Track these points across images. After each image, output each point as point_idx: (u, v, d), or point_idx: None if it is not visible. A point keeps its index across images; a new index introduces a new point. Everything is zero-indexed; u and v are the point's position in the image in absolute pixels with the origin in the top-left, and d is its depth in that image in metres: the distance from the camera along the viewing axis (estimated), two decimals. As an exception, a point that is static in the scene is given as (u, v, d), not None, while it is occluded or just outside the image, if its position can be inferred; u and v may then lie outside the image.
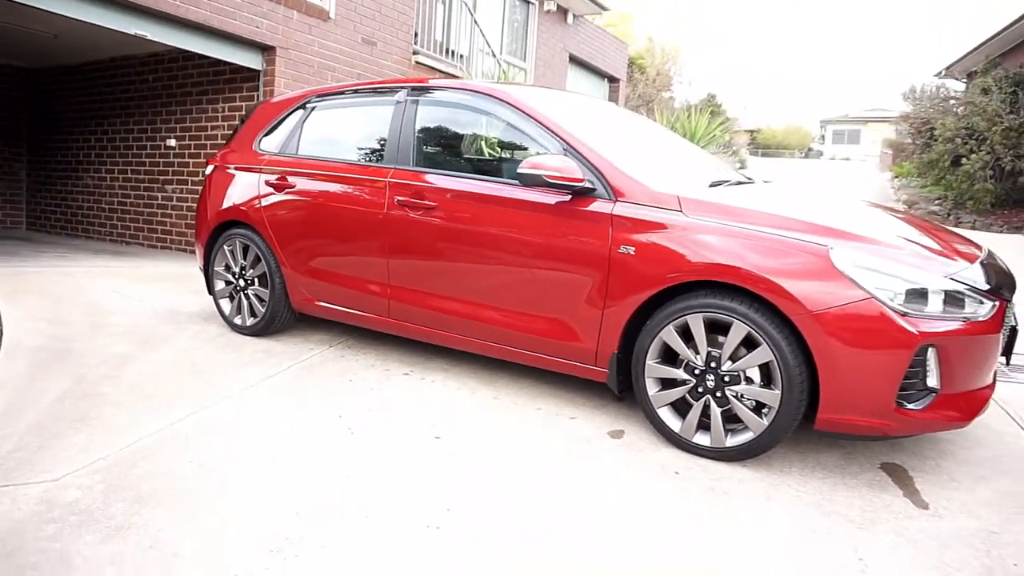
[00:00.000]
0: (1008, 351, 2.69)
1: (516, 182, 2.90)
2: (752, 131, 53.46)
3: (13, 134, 9.80)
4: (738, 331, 2.46)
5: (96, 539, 1.97)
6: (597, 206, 2.76)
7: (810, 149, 52.41)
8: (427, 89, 3.45)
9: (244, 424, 2.78)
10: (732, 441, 2.54)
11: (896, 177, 19.47)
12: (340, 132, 3.77)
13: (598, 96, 15.83)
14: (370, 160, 3.51)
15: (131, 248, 8.10)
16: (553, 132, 2.94)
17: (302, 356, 3.64)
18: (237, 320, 3.99)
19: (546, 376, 3.37)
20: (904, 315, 2.28)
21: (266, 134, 4.02)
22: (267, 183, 3.81)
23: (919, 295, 2.32)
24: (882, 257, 2.36)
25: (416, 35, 8.86)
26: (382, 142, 3.46)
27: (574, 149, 2.87)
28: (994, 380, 2.66)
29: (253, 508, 2.16)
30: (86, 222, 9.00)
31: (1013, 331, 2.70)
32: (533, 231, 2.90)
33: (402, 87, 3.52)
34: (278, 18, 6.87)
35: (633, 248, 2.65)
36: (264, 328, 3.89)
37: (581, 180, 2.74)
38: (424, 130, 3.37)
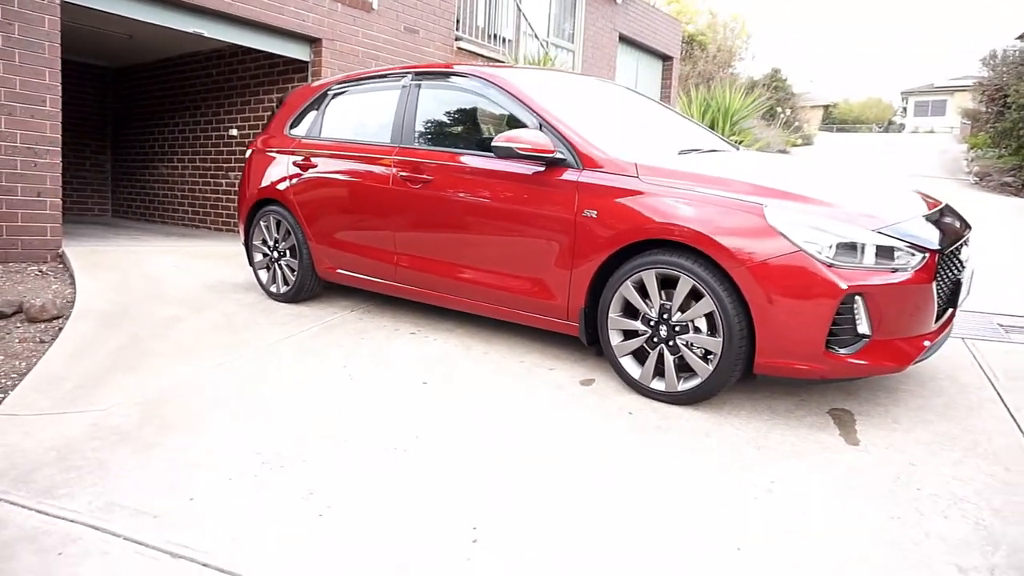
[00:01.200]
0: (953, 302, 2.82)
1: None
2: (828, 106, 51.38)
3: (100, 128, 10.74)
4: (684, 284, 2.71)
5: (128, 452, 2.43)
6: (567, 175, 3.05)
7: (891, 122, 49.93)
8: (428, 74, 3.80)
9: (262, 371, 3.22)
10: (683, 386, 2.79)
11: (972, 148, 18.56)
12: (355, 116, 4.16)
13: (654, 75, 15.80)
14: (380, 140, 3.88)
15: (199, 232, 8.82)
16: (531, 109, 3.23)
17: (325, 318, 4.07)
18: (272, 288, 4.47)
19: (537, 335, 3.68)
20: (831, 266, 2.48)
21: (295, 120, 4.46)
22: (295, 164, 4.25)
23: (848, 248, 2.50)
24: (813, 214, 2.55)
25: (458, 22, 9.19)
26: (389, 123, 3.83)
27: (548, 124, 3.15)
28: (942, 328, 2.80)
29: (253, 433, 2.58)
30: (161, 208, 9.81)
31: (957, 283, 2.82)
32: (513, 199, 3.20)
33: (408, 73, 3.88)
34: (323, 11, 7.34)
35: (595, 212, 2.92)
36: (295, 294, 4.34)
37: (552, 151, 3.03)
38: (424, 111, 3.72)
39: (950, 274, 2.77)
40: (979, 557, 1.88)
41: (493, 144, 3.08)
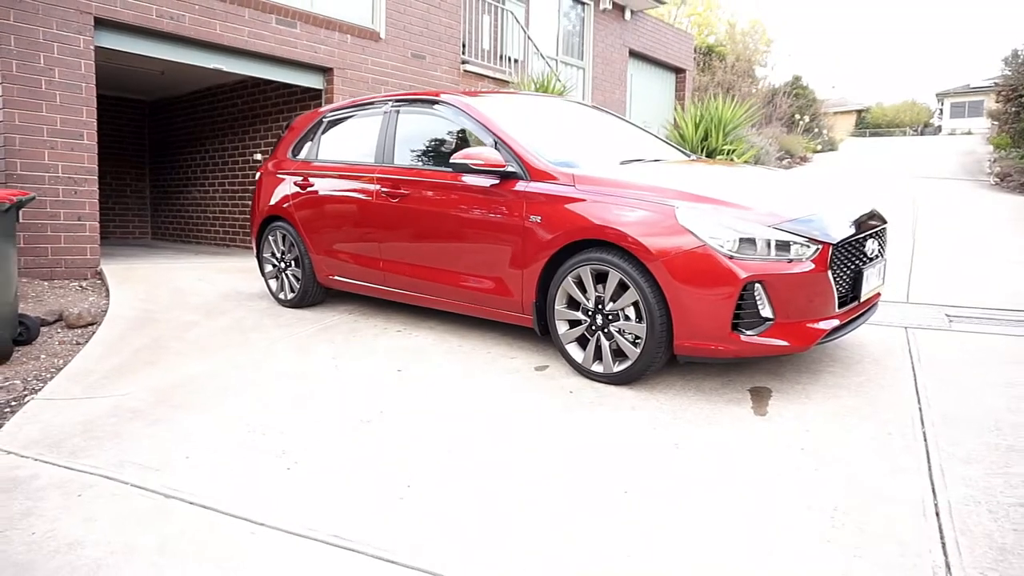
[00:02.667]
0: (856, 291, 3.15)
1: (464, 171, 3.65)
2: (860, 110, 50.82)
3: (138, 157, 11.54)
4: (614, 278, 3.11)
5: (140, 425, 2.92)
6: (518, 186, 3.48)
7: (926, 125, 49.09)
8: (405, 101, 4.28)
9: (260, 363, 3.71)
10: (618, 368, 3.18)
11: (996, 148, 18.39)
12: (345, 140, 4.66)
13: (666, 87, 16.15)
14: (365, 160, 4.36)
15: (229, 250, 9.46)
16: (488, 129, 3.68)
17: (324, 320, 4.56)
18: (280, 295, 4.98)
19: (506, 330, 4.09)
20: (732, 258, 2.85)
21: (296, 145, 4.98)
22: (295, 184, 4.77)
23: (748, 242, 2.88)
24: (718, 213, 2.93)
25: (464, 46, 9.72)
26: (373, 145, 4.32)
27: (503, 141, 3.59)
28: (850, 313, 3.14)
29: (245, 411, 3.05)
30: (196, 230, 10.51)
31: (859, 273, 3.16)
32: (475, 209, 3.64)
33: (389, 100, 4.37)
34: (333, 43, 7.93)
35: (539, 217, 3.35)
36: (299, 300, 4.84)
37: (503, 165, 3.47)
38: (402, 134, 4.20)
39: (851, 265, 3.11)
40: (827, 499, 2.23)
41: (451, 161, 3.53)
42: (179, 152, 10.73)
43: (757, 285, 2.86)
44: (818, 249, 2.92)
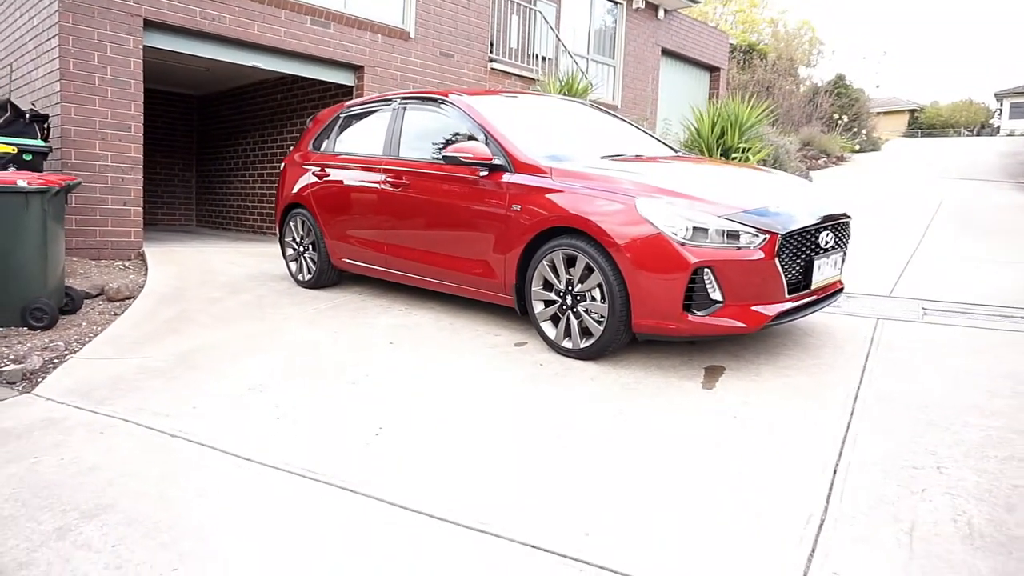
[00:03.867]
0: (807, 279, 3.39)
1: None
2: (914, 110, 49.49)
3: (186, 149, 12.23)
4: (581, 262, 3.41)
5: (159, 382, 3.35)
6: (504, 178, 3.80)
7: (983, 125, 47.48)
8: (411, 98, 4.65)
9: (270, 334, 4.13)
10: (584, 344, 3.49)
11: (1045, 150, 17.89)
12: (359, 134, 5.05)
13: (700, 86, 16.21)
14: (375, 153, 4.74)
15: (266, 237, 10.00)
16: (480, 125, 4.02)
17: (335, 300, 4.96)
18: (299, 277, 5.41)
19: (497, 312, 4.42)
20: (684, 245, 3.13)
21: (317, 137, 5.40)
22: (314, 174, 5.19)
23: (700, 230, 3.15)
24: (675, 204, 3.21)
25: (492, 45, 10.07)
26: (382, 139, 4.69)
27: (492, 137, 3.92)
28: (800, 298, 3.38)
29: (250, 372, 3.46)
30: (237, 218, 11.11)
31: (810, 262, 3.39)
32: (466, 198, 3.99)
33: (398, 97, 4.75)
34: (365, 42, 8.36)
35: (519, 206, 3.67)
36: (315, 282, 5.26)
37: (490, 158, 3.80)
38: (407, 128, 4.57)
39: (801, 255, 3.34)
40: (742, 458, 2.51)
41: (443, 154, 3.88)
42: (223, 144, 11.35)
43: (707, 270, 3.13)
44: (766, 238, 3.17)
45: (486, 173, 3.88)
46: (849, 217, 3.78)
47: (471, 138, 4.10)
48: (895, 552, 1.94)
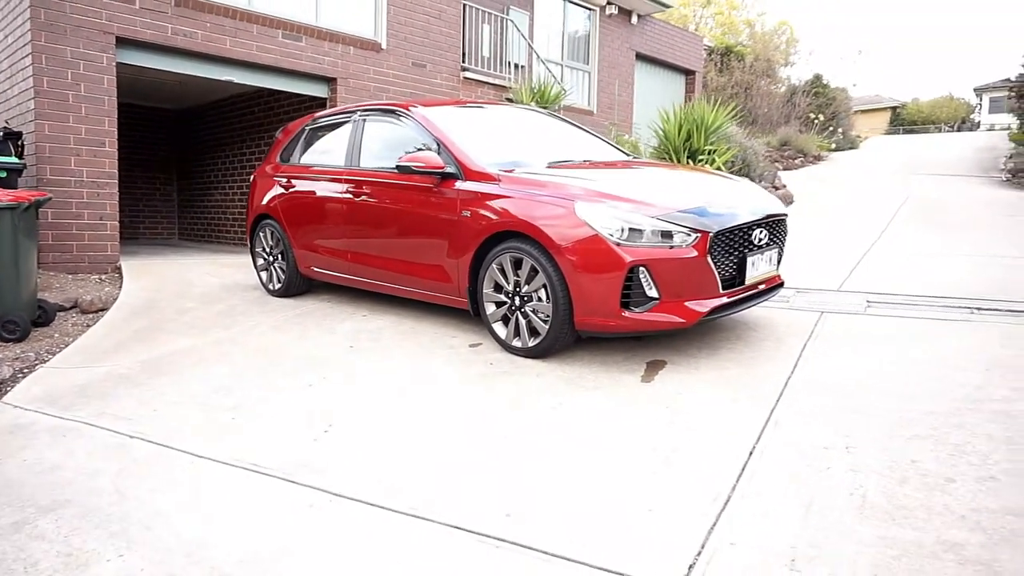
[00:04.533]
0: (741, 275, 3.56)
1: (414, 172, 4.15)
2: (895, 107, 50.08)
3: (166, 163, 12.34)
4: (527, 264, 3.58)
5: (124, 388, 3.50)
6: (456, 185, 3.97)
7: (963, 120, 48.00)
8: (370, 110, 4.81)
9: (237, 341, 4.27)
10: (532, 343, 3.65)
11: (1016, 144, 18.20)
12: (323, 146, 5.21)
13: (676, 89, 16.44)
14: (337, 164, 4.90)
15: (245, 249, 10.10)
16: (433, 135, 4.18)
17: (303, 307, 5.11)
18: (270, 286, 5.56)
19: (457, 316, 4.58)
20: (619, 245, 3.30)
21: (284, 150, 5.56)
22: (280, 185, 5.34)
23: (635, 231, 3.32)
24: (611, 207, 3.38)
25: (464, 54, 10.25)
26: (344, 150, 4.86)
27: (444, 146, 4.09)
28: (735, 294, 3.55)
29: (213, 376, 3.60)
30: (217, 230, 11.23)
31: (743, 259, 3.56)
32: (421, 206, 4.15)
33: (360, 109, 4.91)
34: (337, 54, 8.53)
35: (469, 212, 3.84)
36: (285, 290, 5.41)
37: (442, 167, 3.97)
38: (367, 139, 4.73)
39: (734, 252, 3.52)
40: (668, 444, 2.67)
41: (397, 164, 4.05)
42: (202, 158, 11.48)
43: (642, 268, 3.30)
44: (698, 237, 3.34)
45: (439, 181, 4.04)
46: (785, 215, 3.96)
47: (427, 148, 4.26)
48: (791, 523, 2.10)
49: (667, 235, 3.33)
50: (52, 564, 1.98)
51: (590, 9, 13.51)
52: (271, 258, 5.52)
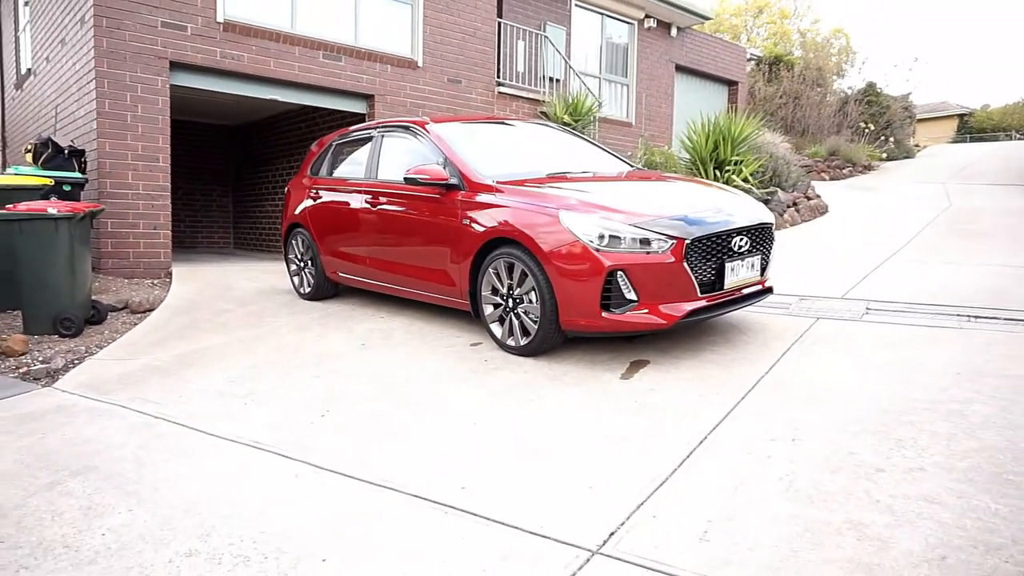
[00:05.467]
0: (720, 280, 3.75)
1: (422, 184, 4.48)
2: (963, 115, 48.41)
3: (223, 176, 13.10)
4: (518, 268, 3.86)
5: (157, 377, 3.92)
6: (459, 196, 4.28)
7: (1037, 126, 45.93)
8: (387, 126, 5.19)
9: (263, 339, 4.67)
10: (524, 342, 3.92)
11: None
12: (348, 159, 5.61)
13: (717, 100, 16.45)
14: (358, 177, 5.29)
15: (290, 256, 10.69)
16: (440, 149, 4.51)
17: (328, 309, 5.50)
18: (301, 290, 5.99)
19: (464, 318, 4.88)
20: (599, 251, 3.54)
21: (314, 164, 5.99)
22: (310, 197, 5.76)
23: (615, 238, 3.56)
24: (593, 216, 3.63)
25: (499, 69, 10.61)
26: (364, 163, 5.24)
27: (449, 159, 4.41)
28: (716, 298, 3.74)
29: (234, 367, 4.00)
30: (267, 240, 11.86)
31: (722, 266, 3.75)
32: (428, 215, 4.48)
33: (380, 126, 5.29)
34: (375, 72, 9.00)
35: (468, 220, 4.14)
36: (314, 294, 5.82)
37: (446, 178, 4.29)
38: (384, 154, 5.10)
39: (712, 258, 3.71)
40: (634, 434, 2.90)
41: (404, 176, 4.39)
42: (255, 171, 12.16)
43: (620, 273, 3.53)
44: (674, 243, 3.56)
45: (444, 191, 4.36)
46: (769, 224, 4.12)
47: (436, 161, 4.59)
48: (715, 501, 2.31)
49: (645, 242, 3.55)
50: (74, 515, 2.35)
51: (628, 23, 13.72)
52: (302, 264, 5.94)
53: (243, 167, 12.65)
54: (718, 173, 8.64)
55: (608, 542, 2.09)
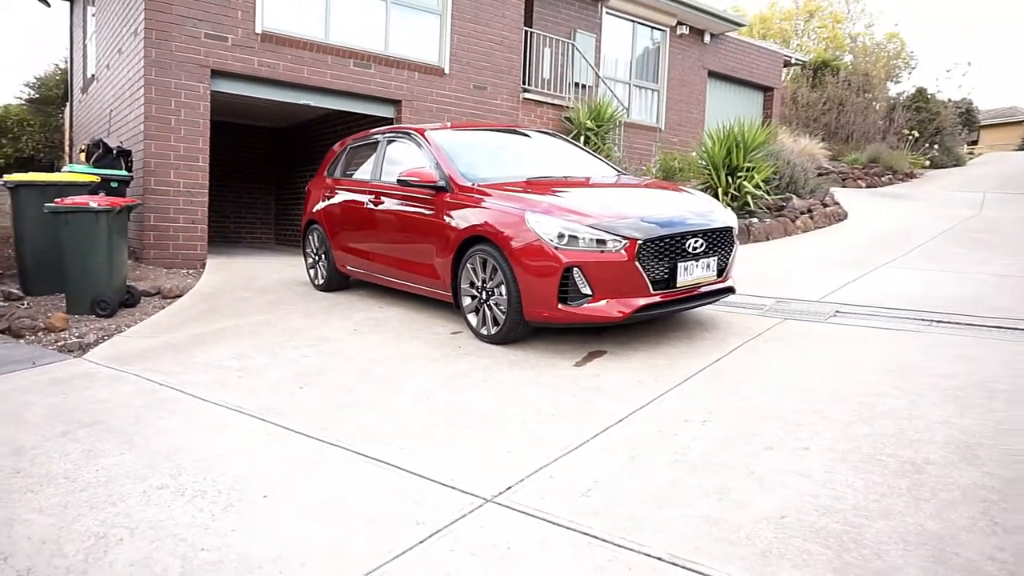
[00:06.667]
0: (672, 278, 4.05)
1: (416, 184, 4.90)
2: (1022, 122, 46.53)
3: (266, 176, 13.86)
4: (490, 264, 4.24)
5: (171, 353, 4.44)
6: (446, 197, 4.69)
7: (1108, 135, 43.80)
8: (391, 132, 5.64)
9: (270, 323, 5.17)
10: (494, 331, 4.30)
11: None
12: (358, 162, 6.08)
13: (752, 106, 16.46)
14: (365, 178, 5.75)
15: (323, 251, 11.29)
16: (432, 153, 4.93)
17: (336, 299, 5.99)
18: (315, 282, 6.50)
19: (451, 310, 5.28)
20: (557, 249, 3.90)
21: (331, 166, 6.50)
22: (325, 196, 6.27)
23: (573, 238, 3.91)
24: (556, 217, 3.98)
25: (526, 76, 10.99)
26: (371, 166, 5.70)
27: (439, 163, 4.83)
28: (670, 296, 4.04)
29: (238, 346, 4.49)
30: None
31: (675, 265, 4.05)
32: (420, 214, 4.90)
33: (387, 132, 5.76)
34: (402, 79, 9.50)
35: (452, 219, 4.54)
36: (326, 285, 6.32)
37: (435, 180, 4.70)
38: (388, 157, 5.55)
39: (665, 258, 4.01)
40: (565, 408, 3.25)
41: (398, 177, 4.82)
42: (295, 171, 12.85)
43: (576, 269, 3.88)
44: (627, 244, 3.88)
45: (434, 192, 4.77)
46: (729, 228, 4.39)
47: (429, 165, 5.01)
48: (609, 467, 2.65)
49: (601, 242, 3.89)
50: (77, 456, 2.84)
51: (660, 30, 13.93)
52: (317, 258, 6.45)
53: (284, 167, 13.36)
54: (730, 179, 8.84)
55: (503, 494, 2.46)
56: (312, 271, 6.58)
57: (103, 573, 2.02)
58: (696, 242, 4.15)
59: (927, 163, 18.72)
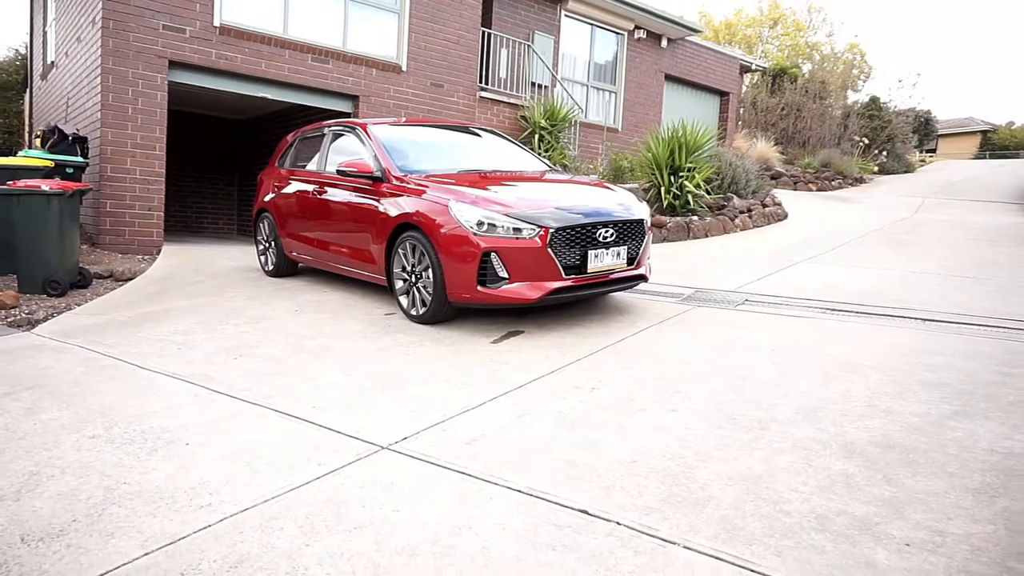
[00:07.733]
0: (583, 265, 4.42)
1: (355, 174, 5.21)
2: (986, 131, 48.10)
3: (230, 167, 14.00)
4: (418, 249, 4.57)
5: (117, 329, 4.70)
6: (382, 187, 5.01)
7: (1060, 145, 45.50)
8: (336, 125, 5.94)
9: (217, 305, 5.44)
10: (422, 311, 4.63)
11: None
12: (305, 153, 6.37)
13: (709, 110, 16.99)
14: (312, 168, 6.05)
15: (282, 242, 11.50)
16: (372, 146, 5.25)
17: (283, 284, 6.27)
18: (266, 268, 6.77)
19: (389, 294, 5.60)
20: (476, 235, 4.24)
21: (281, 156, 6.77)
22: (274, 186, 6.54)
23: (491, 225, 4.26)
24: (477, 206, 4.32)
25: (483, 75, 11.33)
26: (318, 157, 6.00)
27: (377, 155, 5.15)
28: (582, 281, 4.41)
29: (183, 324, 4.76)
30: (265, 226, 12.69)
31: (585, 253, 4.42)
32: (357, 203, 5.21)
33: (332, 125, 6.05)
34: (360, 75, 9.77)
35: (386, 207, 4.87)
36: (276, 271, 6.59)
37: (372, 171, 5.02)
38: (333, 149, 5.85)
39: (577, 245, 4.38)
40: (469, 377, 3.60)
41: (337, 168, 5.13)
42: (257, 162, 13.00)
43: (493, 254, 4.23)
44: (541, 232, 4.25)
45: (372, 183, 5.09)
46: (639, 220, 4.78)
47: (369, 157, 5.33)
48: (496, 423, 3.00)
49: (517, 230, 4.25)
50: (18, 412, 3.12)
51: (618, 33, 14.35)
52: (267, 245, 6.72)
53: (247, 159, 13.52)
54: (672, 179, 9.27)
55: (398, 443, 2.80)
56: (262, 257, 6.85)
57: (34, 500, 2.32)
58: (607, 231, 4.53)
59: (876, 169, 19.47)
